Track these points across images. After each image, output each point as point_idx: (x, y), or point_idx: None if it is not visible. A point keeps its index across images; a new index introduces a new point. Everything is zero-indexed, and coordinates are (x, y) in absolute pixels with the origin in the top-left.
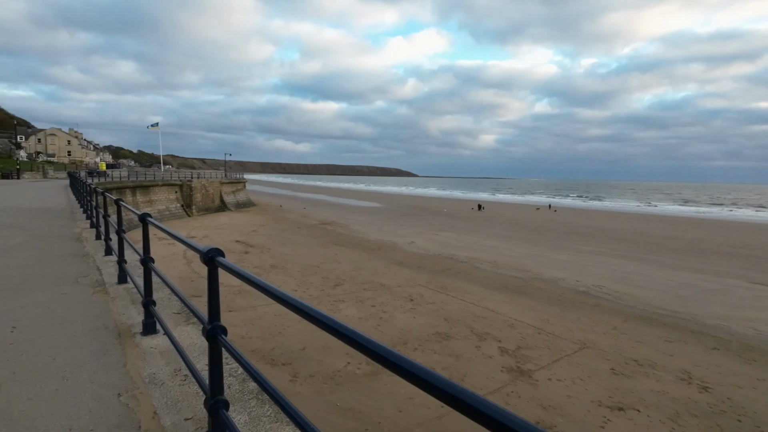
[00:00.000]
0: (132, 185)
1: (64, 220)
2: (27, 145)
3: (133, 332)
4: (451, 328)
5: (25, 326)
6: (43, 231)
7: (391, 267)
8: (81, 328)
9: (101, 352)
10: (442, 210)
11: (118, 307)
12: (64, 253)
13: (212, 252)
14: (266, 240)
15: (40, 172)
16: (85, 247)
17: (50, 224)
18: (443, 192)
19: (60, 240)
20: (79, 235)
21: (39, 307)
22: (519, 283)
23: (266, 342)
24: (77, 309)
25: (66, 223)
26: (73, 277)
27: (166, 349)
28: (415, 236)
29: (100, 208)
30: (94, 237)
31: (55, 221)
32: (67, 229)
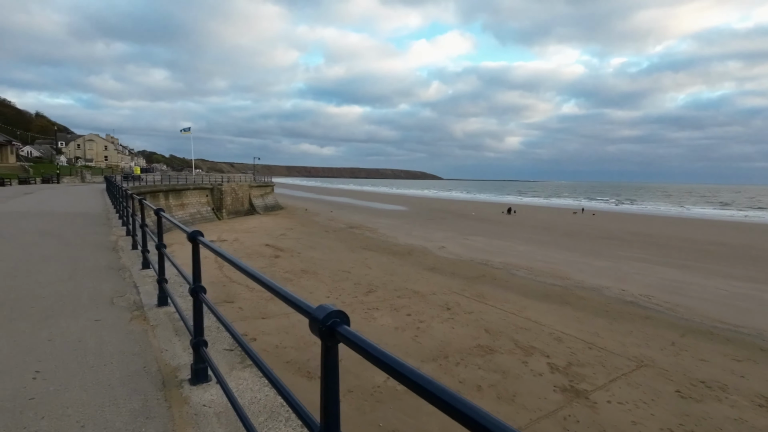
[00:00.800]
0: (165, 189)
1: (99, 227)
2: (67, 151)
3: (179, 379)
4: (493, 340)
5: (51, 370)
6: (77, 239)
7: (424, 273)
8: (117, 374)
9: (142, 413)
10: (470, 213)
11: (159, 339)
12: (99, 265)
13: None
14: (295, 244)
15: (79, 176)
16: (121, 258)
17: (85, 231)
18: (469, 195)
19: (95, 249)
20: (115, 243)
21: (69, 340)
22: (560, 291)
23: (301, 352)
24: (113, 343)
25: (101, 230)
26: (108, 297)
27: (222, 408)
28: (445, 241)
29: (136, 215)
30: (130, 246)
31: (90, 228)
32: (103, 236)
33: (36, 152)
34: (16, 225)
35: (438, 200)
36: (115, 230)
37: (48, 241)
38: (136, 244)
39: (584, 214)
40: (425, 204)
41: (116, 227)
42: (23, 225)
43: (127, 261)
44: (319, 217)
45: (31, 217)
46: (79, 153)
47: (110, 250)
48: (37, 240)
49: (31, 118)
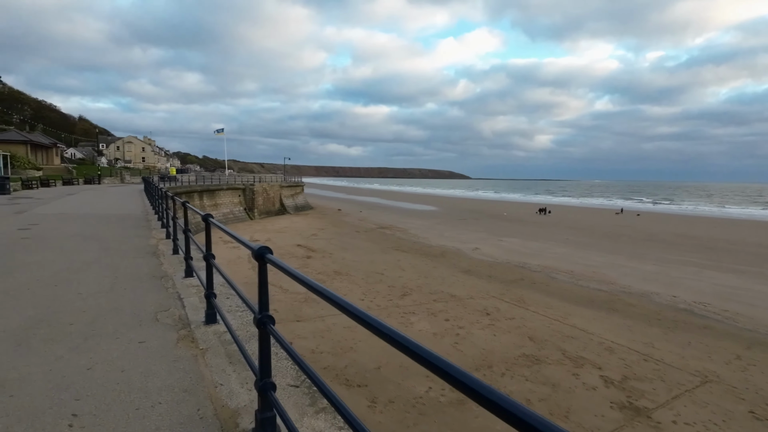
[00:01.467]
0: (200, 189)
1: (139, 229)
2: (107, 153)
3: (241, 429)
4: (539, 349)
5: (90, 413)
6: (118, 243)
7: (459, 276)
8: (167, 420)
9: None
10: (501, 214)
11: (212, 369)
12: (141, 273)
13: None
14: (327, 244)
15: (118, 177)
16: (163, 264)
17: (125, 234)
18: (499, 195)
19: (135, 254)
20: (155, 248)
21: (111, 369)
22: (605, 297)
23: (338, 358)
24: (159, 374)
25: (141, 233)
26: (152, 313)
27: None
28: (479, 242)
29: (177, 218)
30: (170, 251)
31: (130, 230)
32: (143, 239)
33: (79, 154)
34: (59, 228)
35: (468, 200)
36: (155, 233)
37: (89, 246)
38: (177, 249)
39: (625, 214)
40: (455, 204)
41: (156, 229)
42: (66, 228)
43: (168, 268)
44: (349, 218)
45: (73, 220)
46: (119, 154)
47: (151, 255)
48: (78, 245)
49: (74, 121)
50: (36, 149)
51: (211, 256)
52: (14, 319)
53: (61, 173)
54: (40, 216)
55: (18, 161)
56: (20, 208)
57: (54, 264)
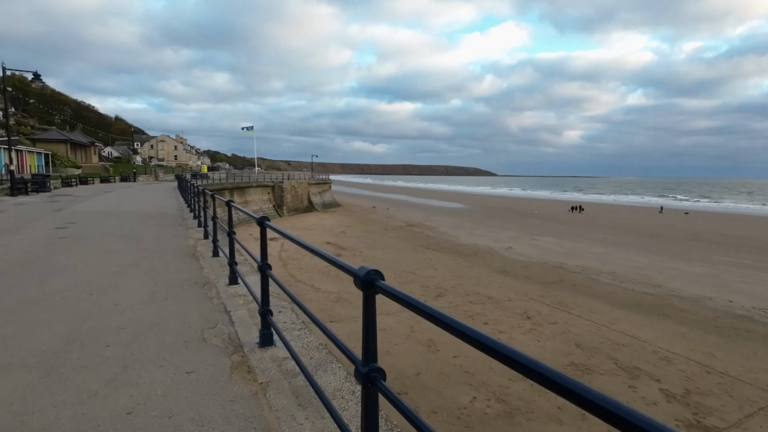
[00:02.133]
0: (230, 186)
1: (176, 228)
2: (142, 151)
3: None
4: (588, 357)
5: None
6: (155, 243)
7: (494, 276)
8: None
9: None
10: (532, 211)
11: (279, 417)
12: (181, 279)
13: None
14: (356, 242)
15: (152, 175)
16: (203, 269)
17: (162, 233)
18: (528, 192)
19: (174, 257)
20: (194, 249)
21: (155, 414)
22: (653, 300)
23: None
24: (215, 422)
25: (178, 232)
26: (198, 330)
27: None
28: (511, 241)
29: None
30: (210, 252)
31: (167, 229)
32: (180, 239)
33: (116, 153)
34: (96, 227)
35: (496, 197)
36: (192, 232)
37: (126, 246)
38: (217, 251)
39: (665, 212)
40: (483, 201)
41: (192, 228)
42: (102, 227)
43: (210, 273)
44: (377, 215)
45: (110, 218)
46: (152, 153)
47: (190, 257)
48: (115, 245)
49: (111, 121)
50: (75, 148)
51: (267, 267)
52: (45, 339)
53: (99, 171)
54: (77, 214)
55: (59, 159)
56: (59, 206)
57: (90, 267)
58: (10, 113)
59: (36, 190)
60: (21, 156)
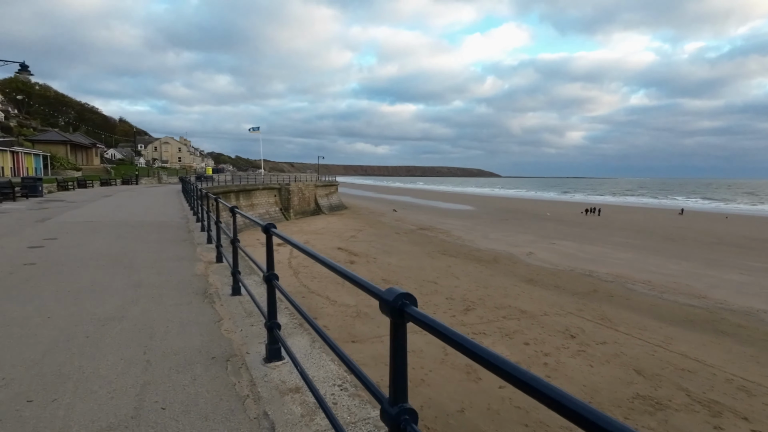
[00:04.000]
0: (236, 189)
1: (180, 244)
2: (145, 153)
3: None
4: (654, 388)
5: None
6: (152, 272)
7: (522, 286)
8: None
9: None
10: (544, 214)
11: None
12: (190, 348)
13: None
14: (368, 247)
15: (155, 177)
16: (223, 320)
17: (163, 254)
18: (534, 193)
19: (178, 298)
20: (205, 280)
21: None
22: (704, 315)
23: (410, 395)
24: None
25: (183, 250)
26: None
27: None
28: (530, 245)
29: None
30: (227, 286)
31: (169, 247)
32: (186, 263)
33: (119, 155)
34: (81, 245)
35: (503, 199)
36: (201, 251)
37: (112, 279)
38: (238, 286)
39: (669, 213)
40: (491, 203)
41: (201, 245)
42: (89, 245)
43: (232, 328)
44: (385, 218)
45: (100, 231)
46: (156, 155)
47: (201, 297)
48: (97, 276)
49: (115, 123)
50: (76, 149)
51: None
52: None
53: (100, 174)
54: (63, 225)
55: (58, 161)
56: (46, 214)
57: (48, 326)
58: (13, 115)
59: (26, 195)
60: (18, 158)
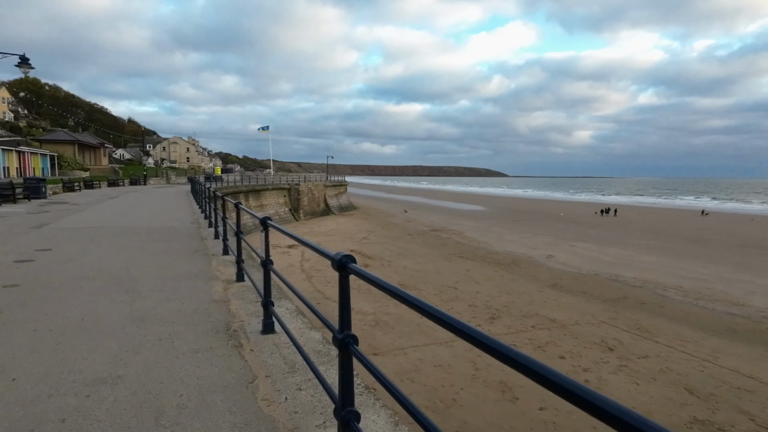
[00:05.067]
0: (245, 189)
1: (192, 257)
2: (154, 153)
3: None
4: (711, 410)
5: None
6: (159, 297)
7: (547, 292)
8: None
9: None
10: (557, 214)
11: None
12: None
13: None
14: (382, 250)
15: (164, 177)
16: (257, 384)
17: (172, 271)
18: (543, 193)
19: (195, 336)
20: (226, 308)
21: None
22: (747, 324)
23: (442, 418)
24: None
25: (196, 264)
26: None
27: None
28: (548, 248)
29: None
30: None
31: (179, 261)
32: (200, 283)
33: (127, 155)
34: (76, 259)
35: (513, 199)
36: (216, 264)
37: (108, 308)
38: (271, 324)
39: (686, 213)
40: (502, 203)
41: (216, 256)
42: (86, 258)
43: (271, 392)
44: (395, 218)
45: (101, 240)
46: (165, 155)
47: (224, 336)
48: (89, 306)
49: (124, 123)
50: (83, 149)
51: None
52: None
53: (108, 174)
54: (61, 232)
55: (65, 161)
56: (44, 219)
57: (12, 396)
58: (23, 115)
59: (28, 196)
60: (24, 158)
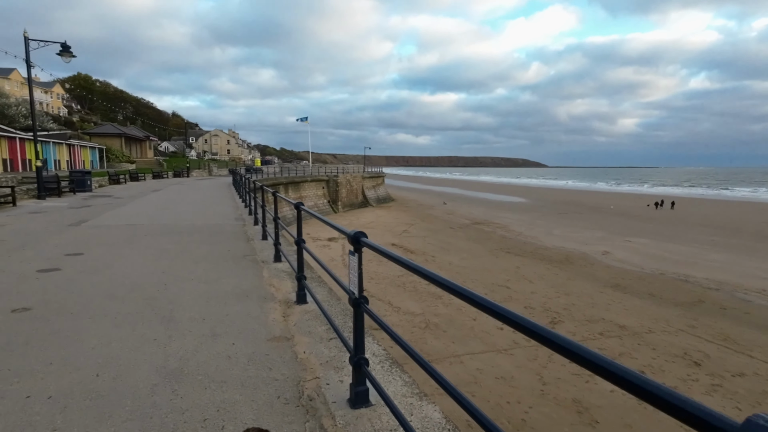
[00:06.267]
0: (285, 181)
1: (239, 264)
2: (196, 146)
3: None
4: None
5: None
6: (206, 331)
7: (609, 293)
8: None
9: None
10: (605, 206)
11: None
12: None
13: None
14: (423, 244)
15: (206, 169)
16: None
17: (219, 288)
18: (587, 184)
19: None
20: (292, 353)
21: None
22: None
23: None
24: None
25: (247, 279)
26: None
27: None
28: (602, 243)
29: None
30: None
31: (226, 271)
32: (255, 309)
33: (172, 147)
34: (109, 266)
35: (556, 190)
36: (269, 275)
37: (135, 352)
38: (365, 395)
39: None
40: (544, 195)
41: (267, 264)
42: (119, 267)
43: None
44: (434, 210)
45: (139, 241)
46: (206, 147)
47: (297, 409)
48: (113, 345)
49: (168, 117)
50: (130, 142)
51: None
52: None
53: (153, 166)
54: (98, 231)
55: (113, 154)
56: (84, 215)
57: None
58: (76, 110)
59: (73, 189)
60: (74, 151)
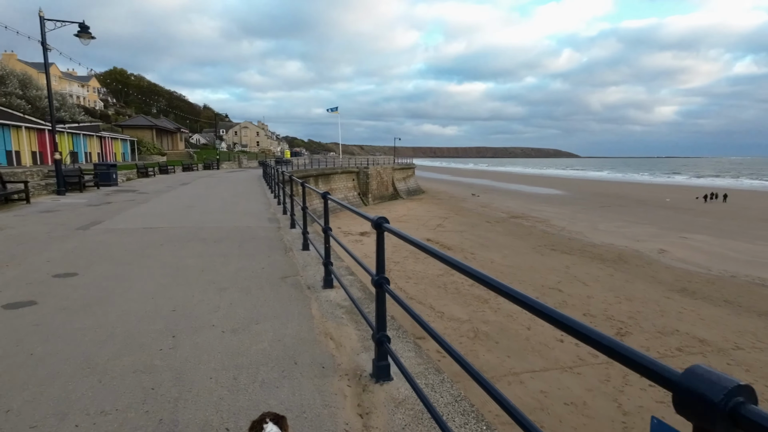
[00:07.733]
0: (315, 173)
1: (278, 289)
2: (227, 138)
3: None
4: None
5: None
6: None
7: (676, 299)
8: None
9: None
10: (653, 199)
11: None
12: None
13: None
14: (461, 239)
15: (236, 161)
16: None
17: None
18: (623, 175)
19: None
20: None
21: None
22: None
23: None
24: None
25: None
26: None
27: None
28: (655, 240)
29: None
30: None
31: (262, 304)
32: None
33: (203, 139)
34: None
35: (593, 182)
36: (320, 313)
37: None
38: None
39: None
40: (581, 186)
41: (314, 289)
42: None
43: None
44: (467, 203)
45: (153, 253)
46: (236, 139)
47: None
48: None
49: (200, 110)
50: (161, 134)
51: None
52: None
53: (183, 158)
54: (108, 238)
55: (144, 146)
56: (99, 214)
57: None
58: (111, 104)
59: (97, 183)
60: (105, 143)
